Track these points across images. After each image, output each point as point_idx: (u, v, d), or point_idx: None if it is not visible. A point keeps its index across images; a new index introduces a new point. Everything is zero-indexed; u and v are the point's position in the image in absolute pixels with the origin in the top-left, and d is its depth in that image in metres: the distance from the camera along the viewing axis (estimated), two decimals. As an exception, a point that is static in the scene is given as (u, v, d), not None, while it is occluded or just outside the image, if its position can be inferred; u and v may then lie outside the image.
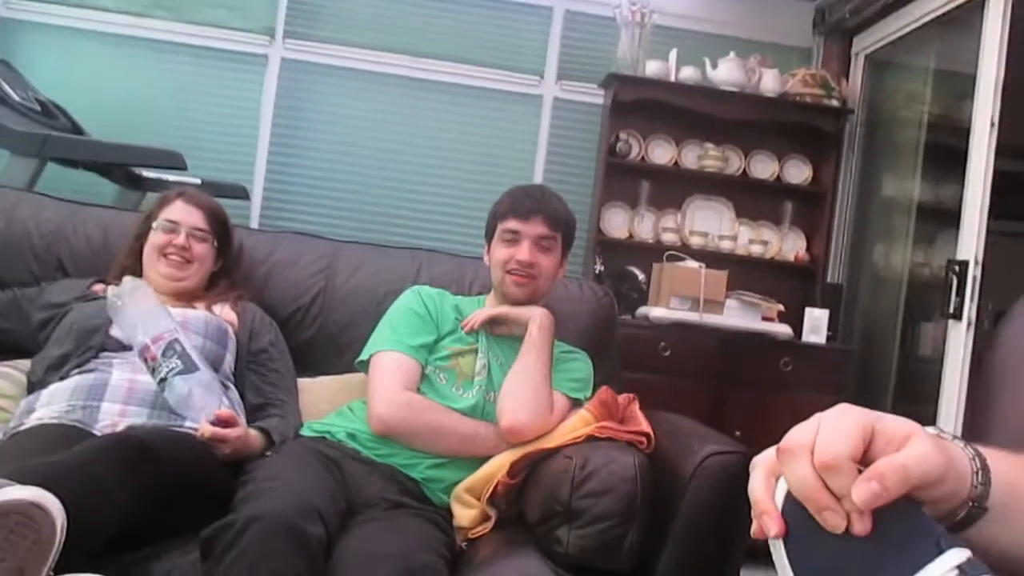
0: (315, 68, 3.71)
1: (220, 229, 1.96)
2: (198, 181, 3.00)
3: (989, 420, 1.24)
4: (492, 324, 1.84)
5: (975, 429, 1.27)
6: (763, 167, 3.71)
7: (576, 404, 1.76)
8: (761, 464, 0.54)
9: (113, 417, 1.57)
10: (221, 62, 3.68)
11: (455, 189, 3.68)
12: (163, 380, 1.56)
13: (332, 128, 3.72)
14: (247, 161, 3.66)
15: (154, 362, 1.56)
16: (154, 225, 1.90)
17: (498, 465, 1.65)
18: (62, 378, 1.66)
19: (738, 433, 2.97)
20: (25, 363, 1.85)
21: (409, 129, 3.74)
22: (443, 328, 1.83)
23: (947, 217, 2.94)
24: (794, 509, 0.51)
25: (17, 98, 2.86)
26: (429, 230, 3.65)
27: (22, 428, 1.55)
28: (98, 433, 1.52)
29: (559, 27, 3.79)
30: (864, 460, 0.49)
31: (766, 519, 0.51)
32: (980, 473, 0.53)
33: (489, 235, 1.87)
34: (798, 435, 0.51)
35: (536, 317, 1.77)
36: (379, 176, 3.72)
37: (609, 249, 3.58)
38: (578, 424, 1.67)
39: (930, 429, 0.54)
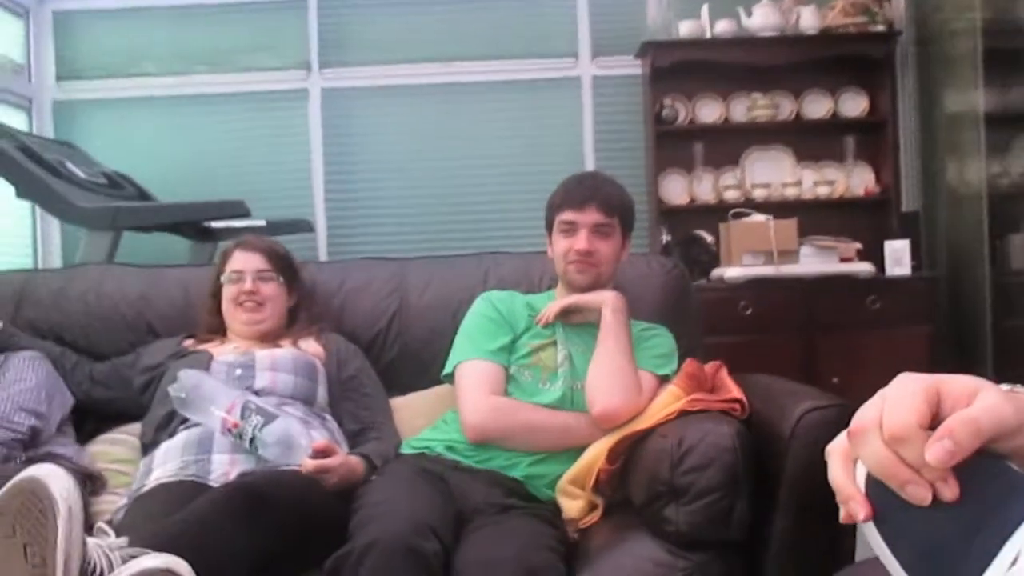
0: (354, 92, 3.78)
1: (283, 266, 2.02)
2: (263, 223, 3.10)
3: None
4: (566, 314, 1.85)
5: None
6: (817, 107, 3.62)
7: (664, 380, 1.76)
8: (835, 451, 0.53)
9: (225, 467, 1.64)
10: (265, 103, 3.78)
11: (510, 186, 3.70)
12: (253, 440, 1.60)
13: (381, 148, 3.78)
14: (306, 195, 3.75)
15: (237, 429, 1.61)
16: (222, 280, 1.98)
17: (597, 453, 1.65)
18: (171, 435, 1.75)
19: (835, 380, 2.92)
20: (134, 427, 1.96)
21: (455, 135, 3.78)
22: (518, 327, 1.86)
23: (1019, 122, 2.82)
24: (878, 489, 0.50)
25: (84, 176, 2.99)
26: (492, 232, 3.67)
27: (144, 490, 1.63)
28: (213, 484, 1.60)
29: (585, 4, 3.76)
30: (934, 426, 0.49)
31: (852, 504, 0.51)
32: None
33: (549, 228, 1.88)
34: (865, 414, 0.51)
35: (608, 301, 1.78)
36: (435, 187, 3.77)
37: (672, 217, 3.55)
38: (669, 400, 1.66)
39: (1004, 386, 0.53)
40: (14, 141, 2.87)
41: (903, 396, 0.49)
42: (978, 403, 0.48)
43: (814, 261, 3.22)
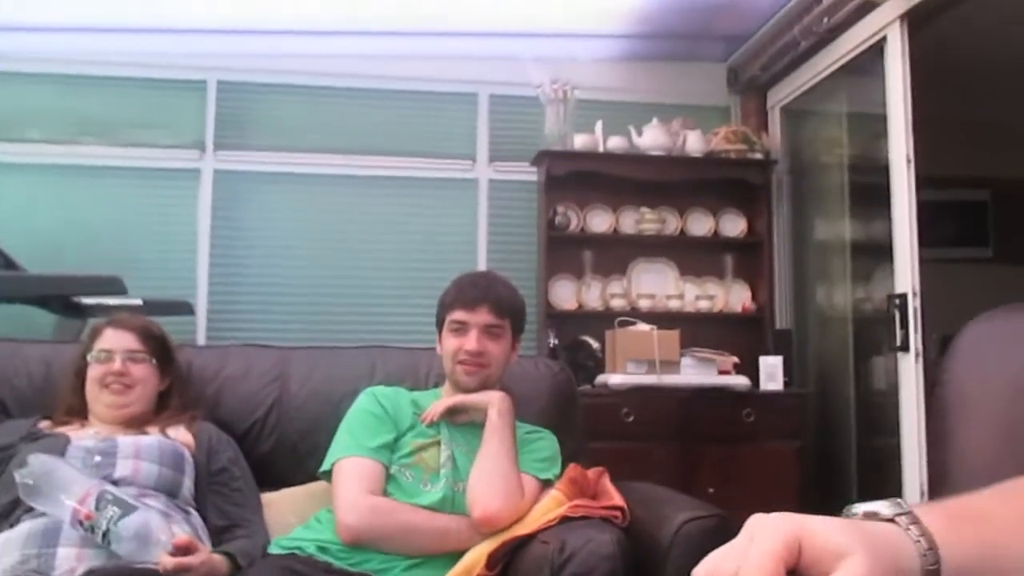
0: (248, 176, 3.73)
1: (156, 347, 1.92)
2: (140, 302, 2.96)
3: (948, 456, 1.26)
4: (452, 413, 1.83)
5: (935, 464, 1.29)
6: (699, 224, 3.80)
7: (546, 484, 1.75)
8: None
9: (71, 562, 1.50)
10: (153, 180, 3.67)
11: (402, 281, 3.68)
12: (106, 533, 1.47)
13: (271, 234, 3.72)
14: (188, 276, 3.62)
15: (90, 520, 1.47)
16: (89, 358, 1.87)
17: (475, 558, 1.62)
18: (12, 525, 1.59)
19: (711, 490, 2.97)
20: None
21: (349, 226, 3.76)
22: (402, 425, 1.82)
23: (881, 252, 3.04)
24: None
25: (-58, 240, 2.81)
26: (381, 325, 3.63)
27: (-25, 587, 1.47)
28: (56, 582, 1.46)
29: (486, 111, 3.88)
30: (797, 572, 0.46)
31: None
32: (929, 554, 0.49)
33: (439, 325, 1.88)
34: (721, 567, 0.48)
35: (495, 402, 1.77)
36: (325, 277, 3.72)
37: (560, 321, 3.60)
38: (551, 505, 1.66)
39: (884, 506, 0.51)
40: None
41: (761, 555, 0.46)
42: (842, 573, 0.45)
43: (694, 372, 3.32)
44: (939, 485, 1.30)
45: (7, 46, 3.55)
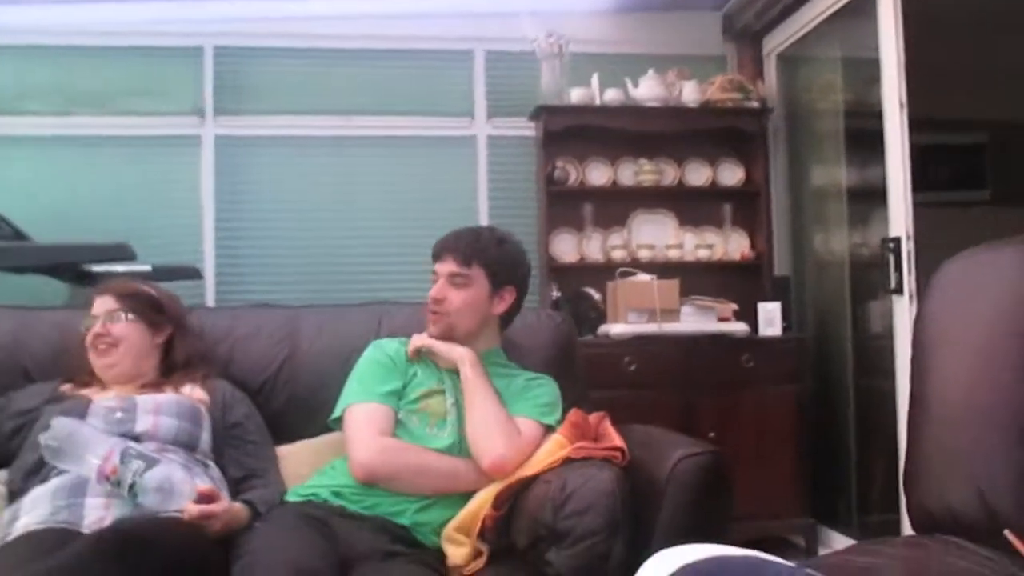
0: (249, 141, 3.76)
1: (135, 304, 1.96)
2: (148, 268, 3.01)
3: (926, 389, 1.32)
4: (433, 355, 1.91)
5: (916, 398, 1.35)
6: (697, 174, 3.83)
7: (548, 429, 1.81)
8: None
9: (99, 512, 1.58)
10: (155, 148, 3.71)
11: (404, 239, 3.72)
12: (132, 487, 1.55)
13: (274, 196, 3.77)
14: (195, 241, 3.68)
15: (116, 475, 1.55)
16: (83, 327, 1.94)
17: (483, 500, 1.69)
18: (42, 481, 1.68)
19: (712, 435, 3.05)
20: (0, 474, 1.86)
21: (351, 187, 3.80)
22: (408, 374, 1.89)
23: (877, 197, 3.07)
24: None
25: (-47, 214, 2.86)
26: (383, 284, 3.67)
27: (9, 538, 1.55)
28: (86, 531, 1.54)
29: (482, 67, 3.89)
30: None
31: None
32: None
33: None
34: None
35: (464, 359, 1.84)
36: (328, 237, 3.77)
37: (562, 274, 3.66)
38: (554, 448, 1.72)
39: None
40: None
41: None
42: None
43: (694, 320, 3.38)
44: (918, 418, 1.36)
45: (1, 20, 3.56)
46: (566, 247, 3.74)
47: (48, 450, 1.61)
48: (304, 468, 1.94)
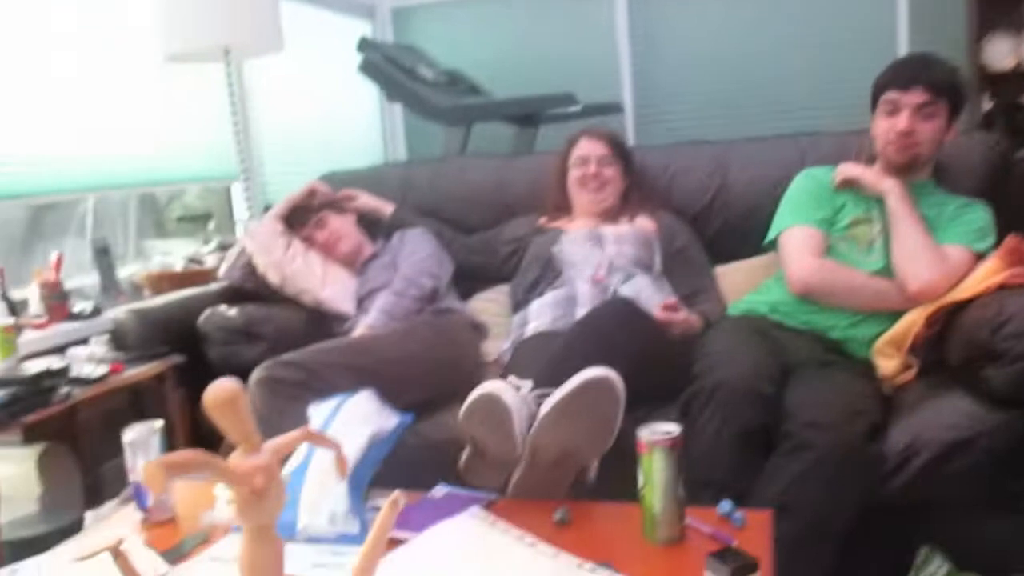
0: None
1: (621, 152, 2.33)
2: (579, 107, 3.39)
3: None
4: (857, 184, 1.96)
5: None
6: None
7: (980, 257, 1.82)
8: None
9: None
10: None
11: (820, 65, 3.66)
12: (614, 292, 2.00)
13: (686, 33, 3.92)
14: (613, 81, 4.00)
15: (602, 282, 2.04)
16: (569, 164, 2.32)
17: (913, 318, 1.78)
18: (539, 295, 2.16)
19: None
20: (500, 289, 2.40)
21: (760, 18, 3.80)
22: (837, 202, 1.99)
23: None
24: None
25: (431, 77, 3.45)
26: (808, 113, 3.68)
27: (526, 336, 2.05)
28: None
29: None
30: None
31: None
32: None
33: (873, 106, 1.94)
34: None
35: (891, 190, 1.86)
36: (739, 70, 3.85)
37: (996, 83, 3.37)
38: (987, 274, 1.73)
39: None
40: (379, 51, 3.38)
41: None
42: None
43: None
44: None
45: None
46: (1000, 52, 3.41)
47: (559, 257, 2.12)
48: (740, 286, 2.20)
